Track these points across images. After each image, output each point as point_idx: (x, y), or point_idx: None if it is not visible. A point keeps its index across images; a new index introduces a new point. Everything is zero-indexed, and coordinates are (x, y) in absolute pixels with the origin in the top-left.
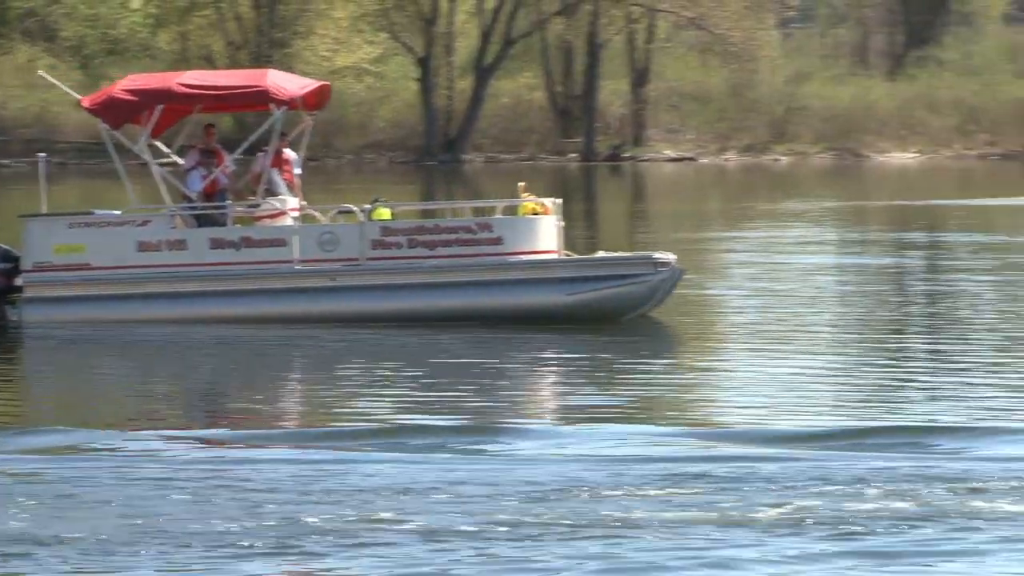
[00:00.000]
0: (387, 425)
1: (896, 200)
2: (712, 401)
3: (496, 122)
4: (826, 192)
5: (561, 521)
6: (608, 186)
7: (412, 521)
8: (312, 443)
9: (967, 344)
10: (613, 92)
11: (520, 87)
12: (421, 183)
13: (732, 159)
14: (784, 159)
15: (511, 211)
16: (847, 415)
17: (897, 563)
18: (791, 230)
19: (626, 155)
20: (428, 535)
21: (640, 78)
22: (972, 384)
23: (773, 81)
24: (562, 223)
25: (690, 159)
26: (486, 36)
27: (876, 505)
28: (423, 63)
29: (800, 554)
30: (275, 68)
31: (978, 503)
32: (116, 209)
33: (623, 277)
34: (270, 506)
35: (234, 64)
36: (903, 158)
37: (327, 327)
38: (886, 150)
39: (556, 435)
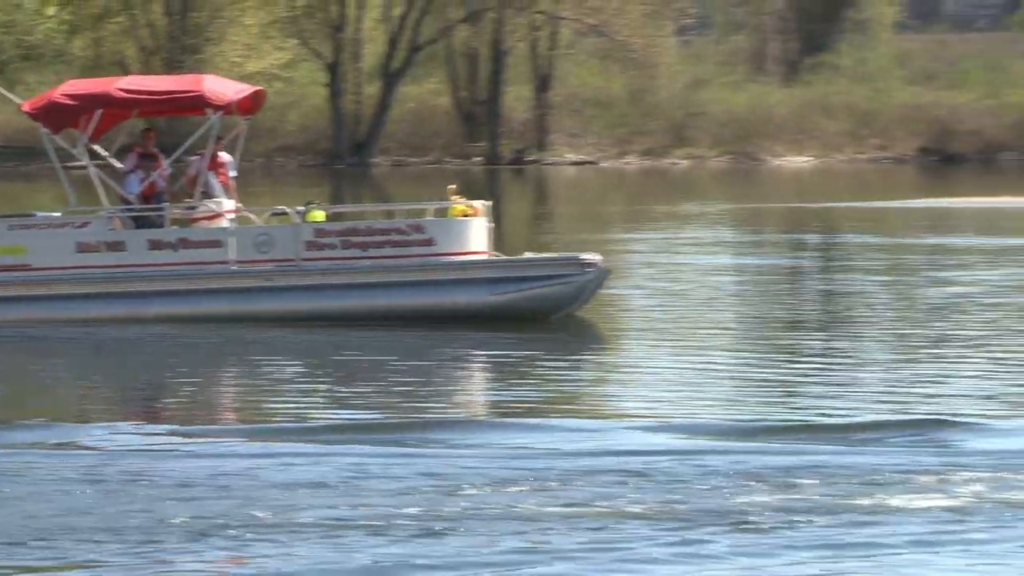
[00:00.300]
0: (306, 422)
1: (791, 202)
2: (618, 396)
3: (403, 126)
4: (723, 195)
5: (472, 514)
6: (512, 188)
7: (323, 514)
8: (231, 438)
9: (860, 341)
10: (517, 97)
11: (426, 92)
12: (330, 186)
13: (632, 163)
14: (683, 163)
15: (442, 213)
16: (744, 410)
17: (792, 555)
18: (690, 231)
19: (529, 159)
20: (331, 529)
21: (543, 84)
22: (864, 380)
23: (672, 87)
24: (491, 224)
25: (591, 163)
26: (393, 43)
27: (769, 498)
28: (332, 69)
29: (697, 548)
30: (186, 73)
31: (873, 497)
32: (55, 211)
33: (550, 277)
34: (182, 500)
35: (147, 70)
36: (798, 162)
37: (263, 326)
38: (782, 154)
39: (473, 429)
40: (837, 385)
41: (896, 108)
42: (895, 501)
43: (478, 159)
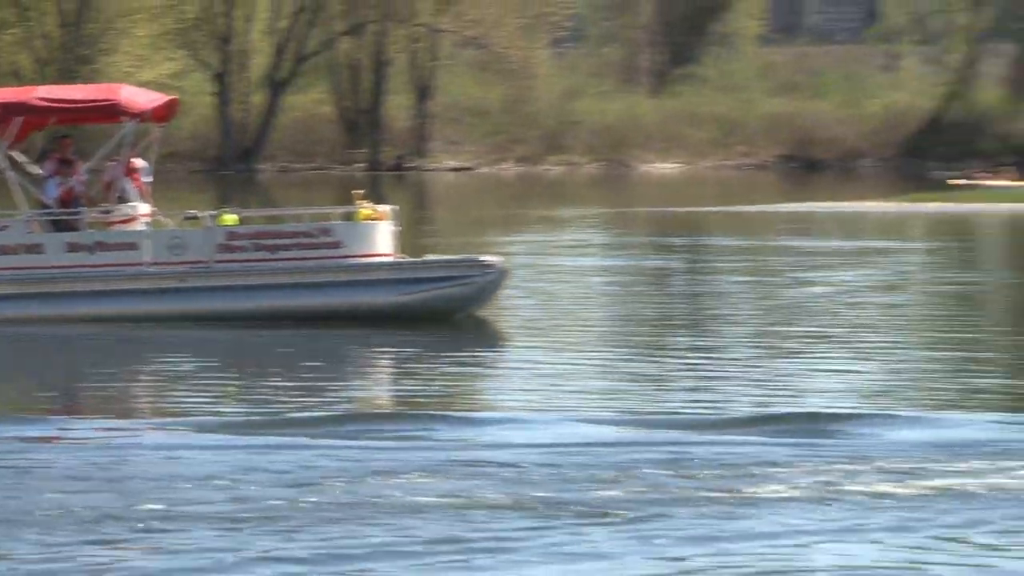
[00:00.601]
0: (203, 417)
1: (660, 207)
2: (501, 391)
3: (288, 134)
4: (595, 200)
5: (351, 505)
6: (393, 194)
7: (211, 508)
8: (126, 431)
9: (726, 339)
10: (398, 106)
11: (311, 101)
12: (218, 191)
13: (508, 169)
14: (557, 169)
15: (349, 217)
16: (618, 404)
17: (661, 547)
18: (564, 234)
19: (410, 165)
20: (217, 521)
21: (423, 93)
22: (731, 375)
23: (547, 97)
24: (397, 228)
25: (469, 169)
26: (279, 54)
27: (642, 490)
28: (220, 78)
29: (569, 540)
30: (81, 83)
31: (743, 490)
32: None
33: (453, 279)
34: (73, 492)
35: (42, 80)
36: (666, 168)
37: (175, 326)
38: (651, 161)
39: (361, 422)
40: (705, 380)
41: (759, 117)
42: (764, 492)
43: (361, 165)
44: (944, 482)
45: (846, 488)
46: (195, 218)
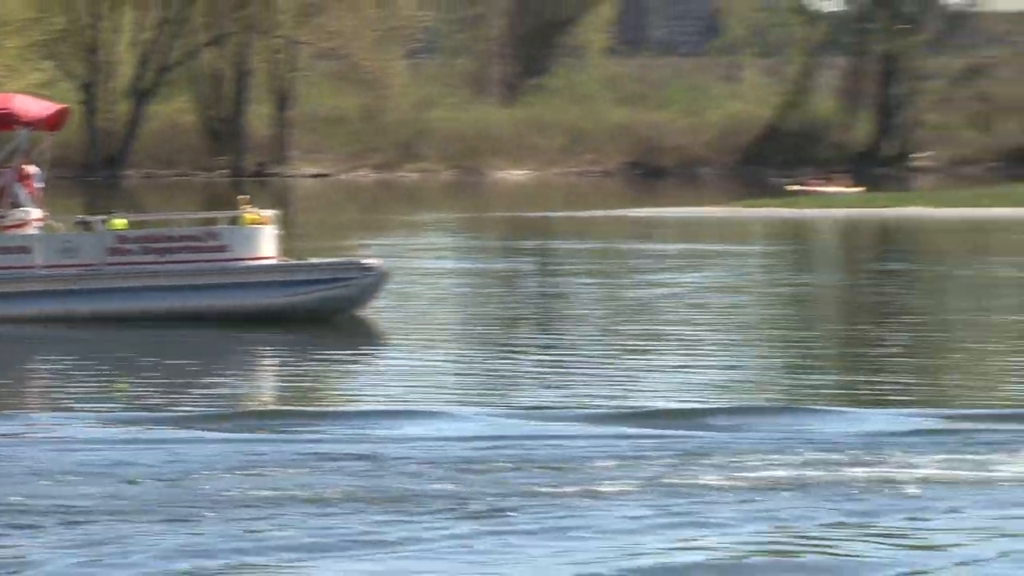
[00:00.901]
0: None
1: (511, 212)
2: (360, 387)
3: (153, 142)
4: (450, 205)
5: (212, 498)
6: (255, 199)
7: (64, 502)
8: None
9: (575, 337)
10: (259, 115)
11: (174, 110)
12: (85, 197)
13: (366, 175)
14: (412, 176)
15: (234, 221)
16: (470, 401)
17: (507, 540)
18: (421, 238)
19: (271, 171)
20: (69, 514)
21: (283, 103)
22: (577, 373)
23: (402, 106)
24: (280, 232)
25: (328, 175)
26: (143, 64)
27: (481, 486)
28: (87, 88)
29: (425, 533)
30: None
31: (586, 483)
32: None
33: (336, 280)
34: None
35: None
36: (517, 175)
37: (67, 326)
38: (502, 168)
39: (224, 420)
40: (556, 377)
41: (606, 126)
42: (608, 487)
43: (223, 172)
44: (784, 474)
45: (688, 482)
46: (87, 223)
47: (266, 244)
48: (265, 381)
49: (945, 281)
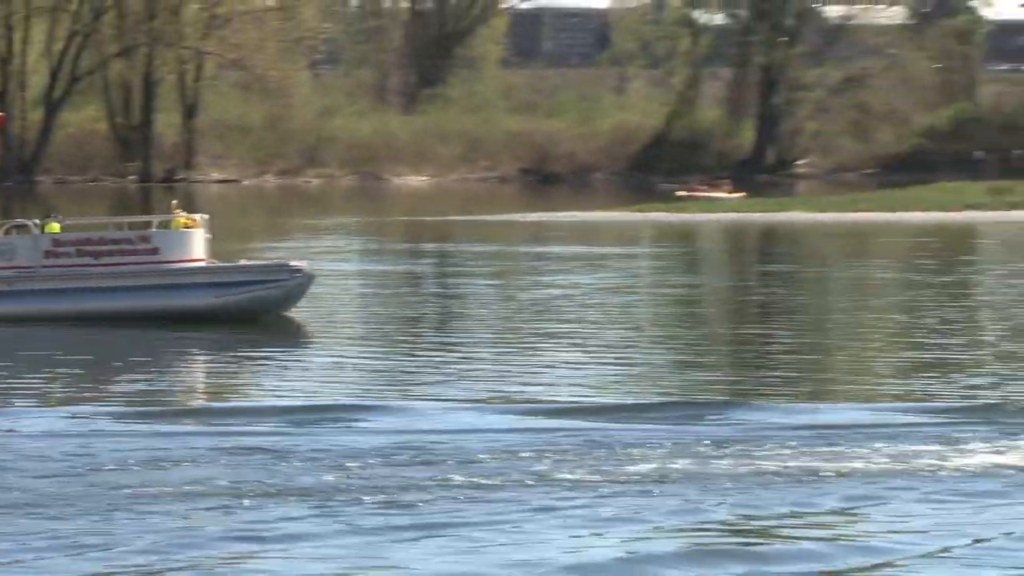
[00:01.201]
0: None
1: (411, 216)
2: (264, 382)
3: (64, 148)
4: (352, 209)
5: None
6: (163, 203)
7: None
8: None
9: (473, 335)
10: (167, 123)
11: (85, 118)
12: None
13: (271, 181)
14: (315, 181)
15: (166, 225)
16: (373, 396)
17: (399, 533)
18: (324, 241)
19: (179, 177)
20: None
21: (190, 111)
22: (474, 369)
23: (305, 115)
24: (209, 236)
25: (234, 181)
26: (55, 74)
27: (378, 477)
28: (0, 97)
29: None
30: None
31: (469, 475)
32: None
33: (264, 282)
34: None
35: None
36: (417, 180)
37: (5, 326)
38: (402, 174)
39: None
40: (454, 373)
41: (501, 134)
42: (501, 480)
43: (133, 178)
44: (675, 466)
45: (581, 478)
46: (24, 226)
47: (196, 247)
48: (190, 378)
49: (825, 282)
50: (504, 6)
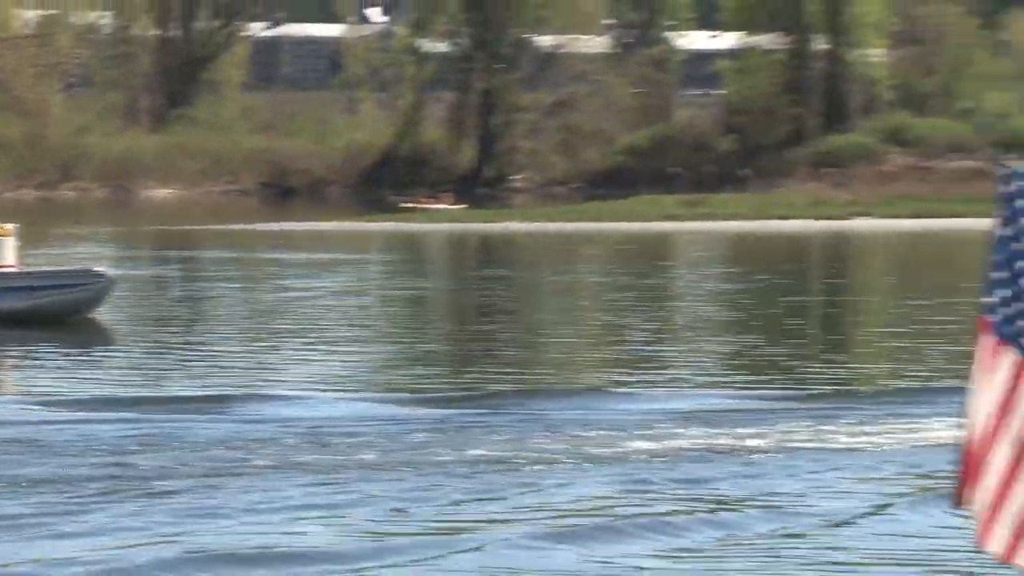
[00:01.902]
0: None
1: (159, 225)
2: (83, 379)
3: None
4: (105, 220)
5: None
6: None
7: None
8: None
9: (216, 335)
10: None
11: None
12: None
13: (29, 194)
14: (71, 194)
15: None
16: (124, 392)
17: (161, 528)
18: (80, 249)
19: None
20: None
21: None
22: (219, 366)
23: (61, 133)
24: (19, 243)
25: None
26: None
27: (153, 468)
28: None
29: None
30: None
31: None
32: None
33: (71, 286)
34: None
35: None
36: (164, 193)
37: None
38: (151, 187)
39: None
40: (203, 370)
41: (242, 151)
42: (250, 468)
43: None
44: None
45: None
46: None
47: (8, 253)
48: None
49: (539, 285)
50: (245, 34)
